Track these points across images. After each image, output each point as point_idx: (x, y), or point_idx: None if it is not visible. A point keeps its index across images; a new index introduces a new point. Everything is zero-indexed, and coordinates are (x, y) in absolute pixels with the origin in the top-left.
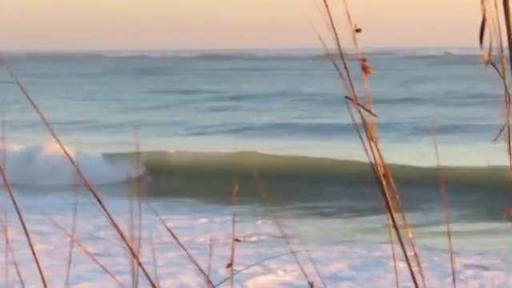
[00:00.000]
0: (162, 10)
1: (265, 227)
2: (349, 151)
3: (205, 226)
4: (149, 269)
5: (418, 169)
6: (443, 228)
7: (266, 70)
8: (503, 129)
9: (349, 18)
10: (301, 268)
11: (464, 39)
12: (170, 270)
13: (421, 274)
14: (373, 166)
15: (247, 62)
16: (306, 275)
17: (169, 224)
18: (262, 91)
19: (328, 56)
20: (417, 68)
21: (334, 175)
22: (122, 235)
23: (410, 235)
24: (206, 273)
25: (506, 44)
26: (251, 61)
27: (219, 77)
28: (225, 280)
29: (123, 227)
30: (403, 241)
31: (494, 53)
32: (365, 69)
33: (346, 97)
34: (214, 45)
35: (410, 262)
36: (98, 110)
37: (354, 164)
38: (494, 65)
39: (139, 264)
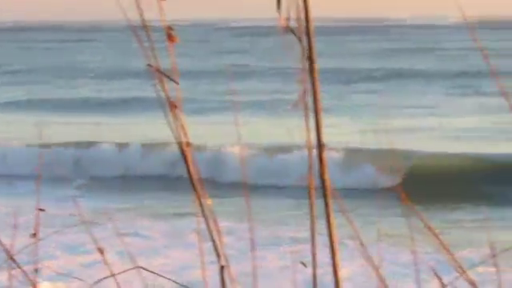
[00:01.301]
0: None
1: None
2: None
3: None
4: None
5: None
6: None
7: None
8: (299, 99)
9: None
10: (92, 238)
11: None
12: None
13: (220, 245)
14: (176, 140)
15: (60, 33)
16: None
17: None
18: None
19: (131, 27)
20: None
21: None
22: None
23: (211, 208)
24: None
25: (303, 15)
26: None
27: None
28: (25, 247)
29: None
30: (208, 216)
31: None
32: (170, 37)
33: (148, 65)
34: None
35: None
36: None
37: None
38: (293, 32)
39: None
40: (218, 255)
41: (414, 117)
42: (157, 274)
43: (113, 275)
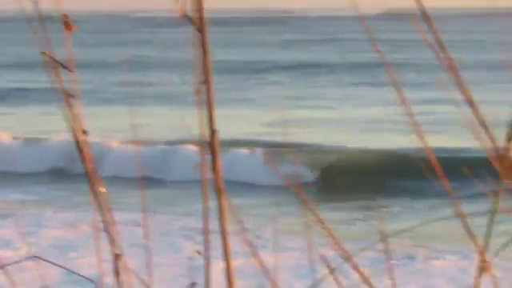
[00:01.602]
0: None
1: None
2: None
3: None
4: None
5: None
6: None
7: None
8: (195, 91)
9: None
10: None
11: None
12: None
13: (114, 234)
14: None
15: None
16: None
17: None
18: None
19: (25, 18)
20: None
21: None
22: None
23: (108, 202)
24: None
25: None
26: None
27: None
28: None
29: None
30: (103, 208)
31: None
32: (67, 26)
33: (43, 52)
34: None
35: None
36: None
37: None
38: (190, 22)
39: None
40: (112, 244)
41: (319, 109)
42: (56, 265)
43: (3, 266)
